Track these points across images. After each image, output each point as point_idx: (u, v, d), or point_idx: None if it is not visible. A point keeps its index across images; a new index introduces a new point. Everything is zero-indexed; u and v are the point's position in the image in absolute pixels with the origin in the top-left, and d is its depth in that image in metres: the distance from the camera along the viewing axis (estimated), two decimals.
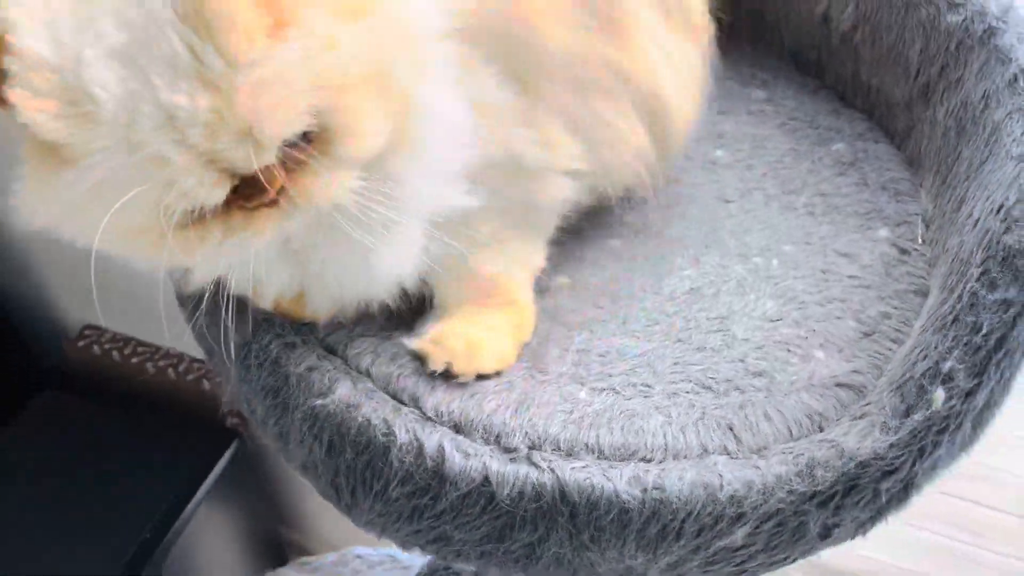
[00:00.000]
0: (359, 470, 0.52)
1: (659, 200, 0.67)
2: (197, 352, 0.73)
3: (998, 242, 0.51)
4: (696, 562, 0.51)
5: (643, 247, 0.65)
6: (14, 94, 0.37)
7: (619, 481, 0.49)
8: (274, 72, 0.38)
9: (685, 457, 0.52)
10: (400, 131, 0.44)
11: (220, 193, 0.40)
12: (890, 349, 0.57)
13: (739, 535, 0.50)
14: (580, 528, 0.50)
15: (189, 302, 0.57)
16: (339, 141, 0.42)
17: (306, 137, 0.41)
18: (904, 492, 0.53)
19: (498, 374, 0.56)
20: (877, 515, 0.53)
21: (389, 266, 0.51)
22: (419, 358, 0.56)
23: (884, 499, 0.52)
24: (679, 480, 0.49)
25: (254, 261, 0.45)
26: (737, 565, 0.52)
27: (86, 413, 1.30)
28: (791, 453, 0.51)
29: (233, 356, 0.55)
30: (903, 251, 0.63)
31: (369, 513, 0.54)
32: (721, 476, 0.50)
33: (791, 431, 0.53)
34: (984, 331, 0.50)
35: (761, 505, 0.49)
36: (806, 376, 0.56)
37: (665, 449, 0.52)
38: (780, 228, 0.66)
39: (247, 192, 0.41)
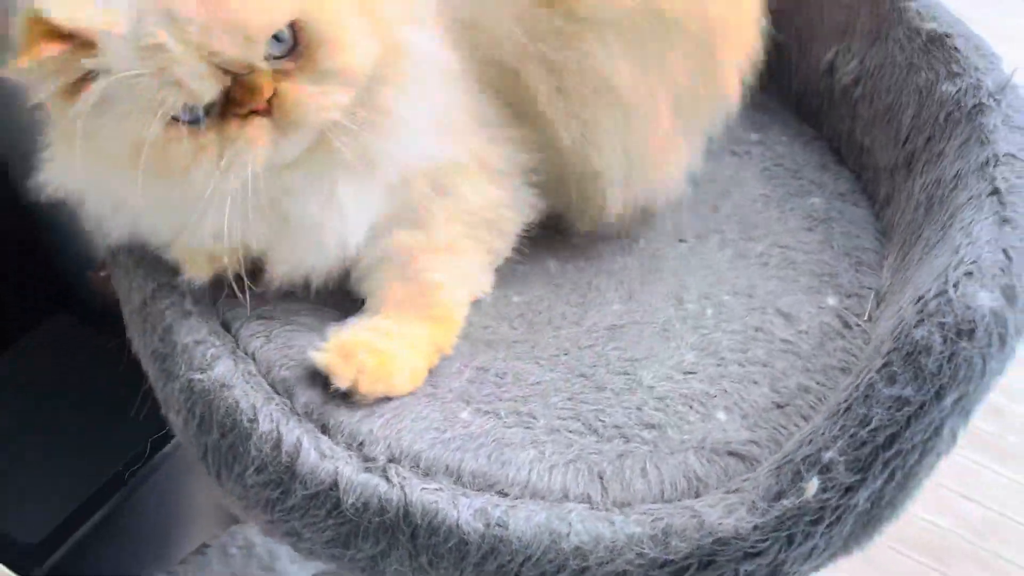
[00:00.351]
0: (223, 451, 0.52)
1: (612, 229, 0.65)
2: None
3: (907, 335, 0.47)
4: None
5: (578, 274, 0.64)
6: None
7: (465, 511, 0.48)
8: None
9: (543, 498, 0.50)
10: (388, 64, 0.49)
11: (214, 87, 0.44)
12: (797, 425, 0.54)
13: None
14: (419, 550, 0.49)
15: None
16: (323, 52, 0.46)
17: (295, 53, 0.46)
18: None
19: None
20: None
21: (353, 224, 0.53)
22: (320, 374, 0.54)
23: None
24: (525, 521, 0.48)
25: (231, 208, 0.47)
26: None
27: (96, 343, 1.34)
28: (651, 515, 0.49)
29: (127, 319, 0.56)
30: (845, 324, 0.60)
31: (230, 495, 0.54)
32: (571, 525, 0.48)
33: (663, 492, 0.51)
34: (872, 426, 0.46)
35: (607, 563, 0.47)
36: (700, 437, 0.54)
37: (525, 486, 0.50)
38: (726, 276, 0.64)
39: (241, 98, 0.45)
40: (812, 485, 0.47)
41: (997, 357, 0.48)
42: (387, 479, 0.49)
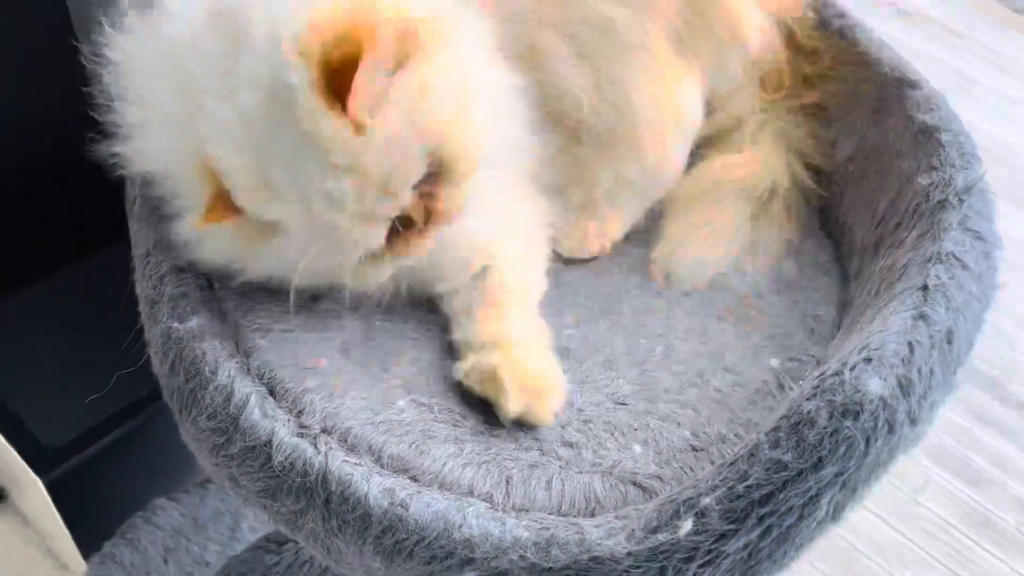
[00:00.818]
0: (185, 395, 0.59)
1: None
2: None
3: (799, 405, 0.51)
4: None
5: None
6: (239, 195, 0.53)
7: (375, 488, 0.53)
8: (385, 141, 0.51)
9: (448, 490, 0.55)
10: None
11: (380, 235, 0.54)
12: (704, 470, 0.58)
13: None
14: (331, 515, 0.54)
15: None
16: (453, 167, 0.54)
17: (429, 172, 0.54)
18: None
19: None
20: None
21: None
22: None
23: None
24: (426, 507, 0.53)
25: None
26: None
27: None
28: (540, 523, 0.53)
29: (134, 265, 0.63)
30: (780, 386, 0.63)
31: (186, 435, 0.60)
32: (465, 518, 0.52)
33: (560, 506, 0.56)
34: (749, 482, 0.50)
35: (492, 559, 0.52)
36: (610, 464, 0.58)
37: (436, 476, 0.55)
38: (684, 321, 0.67)
39: (403, 223, 0.55)
40: (686, 525, 0.51)
41: (885, 441, 0.51)
42: (315, 446, 0.55)
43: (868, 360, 0.51)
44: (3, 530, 1.47)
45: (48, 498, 1.11)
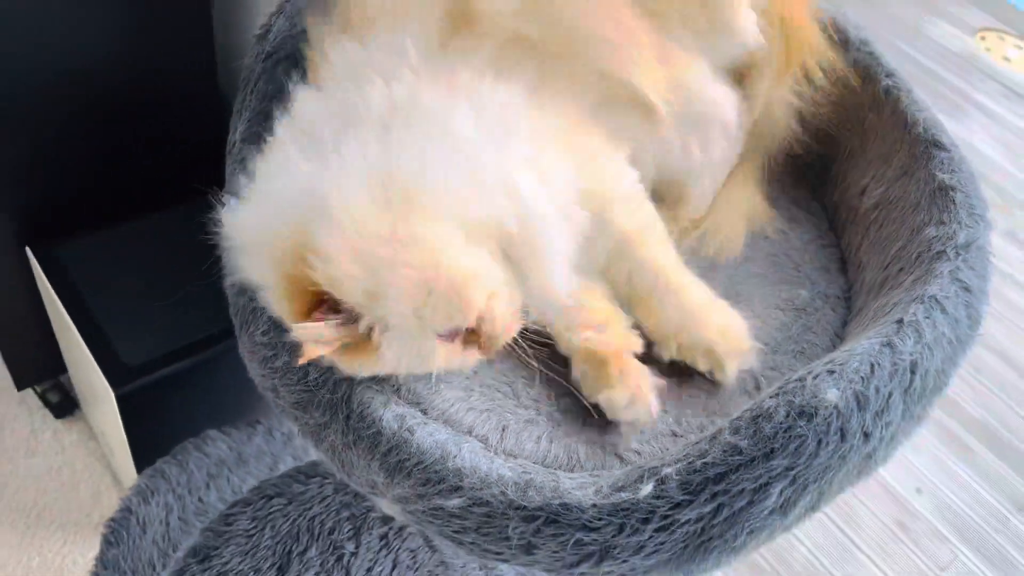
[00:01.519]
0: (247, 311, 0.68)
1: None
2: None
3: (762, 401, 0.57)
4: (420, 507, 0.63)
5: None
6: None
7: (388, 412, 0.62)
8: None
9: (451, 426, 0.63)
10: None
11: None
12: None
13: (453, 503, 0.61)
14: (349, 430, 0.63)
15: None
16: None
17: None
18: (601, 556, 0.61)
19: None
20: (577, 562, 0.62)
21: None
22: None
23: (583, 551, 0.60)
24: (429, 435, 0.61)
25: None
26: (453, 532, 0.63)
27: None
28: (523, 468, 0.61)
29: None
30: (757, 387, 0.69)
31: (243, 348, 0.70)
32: (460, 450, 0.61)
33: (545, 458, 0.63)
34: (707, 459, 0.57)
35: (477, 489, 0.60)
36: (596, 434, 0.65)
37: (442, 413, 0.64)
38: None
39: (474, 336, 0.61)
40: (646, 488, 0.58)
41: (836, 447, 0.57)
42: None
43: (831, 372, 0.57)
44: (71, 441, 1.62)
45: (117, 410, 1.23)
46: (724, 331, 0.69)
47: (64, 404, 1.61)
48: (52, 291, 1.30)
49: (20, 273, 1.39)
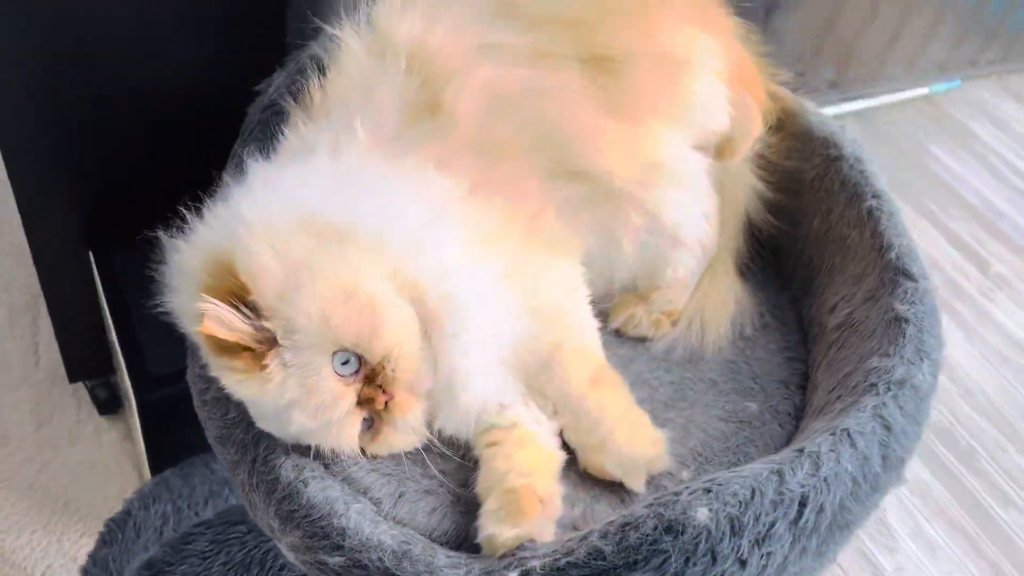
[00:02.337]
0: (191, 346, 0.72)
1: None
2: None
3: (635, 510, 0.57)
4: (308, 558, 0.63)
5: None
6: None
7: (289, 461, 0.64)
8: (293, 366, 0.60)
9: (350, 486, 0.65)
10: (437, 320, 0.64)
11: (357, 422, 0.63)
12: None
13: (335, 561, 0.61)
14: (254, 471, 0.66)
15: None
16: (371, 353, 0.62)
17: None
18: None
19: None
20: None
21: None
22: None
23: None
24: (320, 491, 0.63)
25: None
26: None
27: None
28: (405, 538, 0.62)
29: None
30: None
31: (189, 375, 0.74)
32: (348, 509, 0.62)
33: (432, 532, 0.64)
34: (572, 559, 0.56)
35: (357, 551, 0.61)
36: None
37: (343, 471, 0.66)
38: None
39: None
40: None
41: (706, 568, 0.56)
42: None
43: (707, 491, 0.56)
44: (110, 438, 1.70)
45: (137, 415, 1.30)
46: (630, 446, 0.68)
47: (109, 402, 1.70)
48: (103, 294, 1.39)
49: (83, 275, 1.48)
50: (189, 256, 0.64)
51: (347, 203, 0.63)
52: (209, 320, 0.58)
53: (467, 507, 0.66)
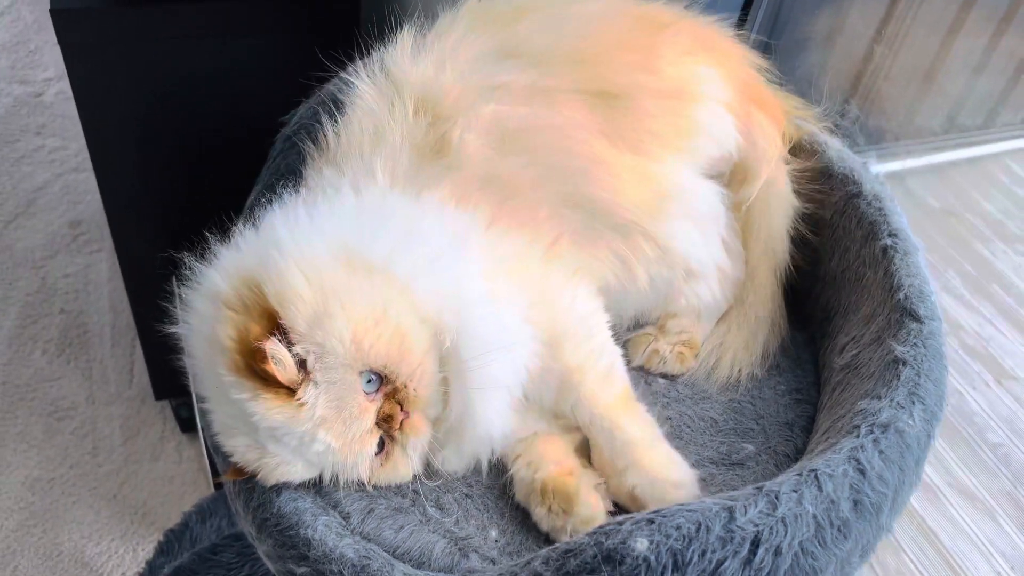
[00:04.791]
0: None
1: None
2: None
3: (581, 539, 0.56)
4: (278, 567, 0.65)
5: None
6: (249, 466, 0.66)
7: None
8: (327, 394, 0.62)
9: (322, 498, 0.67)
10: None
11: (373, 443, 0.65)
12: None
13: (301, 571, 0.63)
14: (238, 482, 0.68)
15: None
16: (397, 372, 0.64)
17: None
18: None
19: None
20: None
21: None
22: None
23: None
24: (291, 501, 0.65)
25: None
26: None
27: None
28: (367, 553, 0.63)
29: None
30: None
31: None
32: (315, 521, 0.64)
33: (397, 548, 0.65)
34: None
35: (320, 563, 0.62)
36: (463, 535, 0.66)
37: (315, 482, 0.67)
38: None
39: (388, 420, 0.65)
40: None
41: None
42: None
43: (651, 521, 0.55)
44: (189, 455, 1.78)
45: (201, 432, 1.36)
46: (663, 468, 0.68)
47: (191, 420, 1.79)
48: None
49: (168, 298, 1.57)
50: (215, 280, 0.66)
51: (375, 237, 0.66)
52: (273, 361, 0.59)
53: (435, 527, 0.67)
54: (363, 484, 0.66)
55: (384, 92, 0.74)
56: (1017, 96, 2.07)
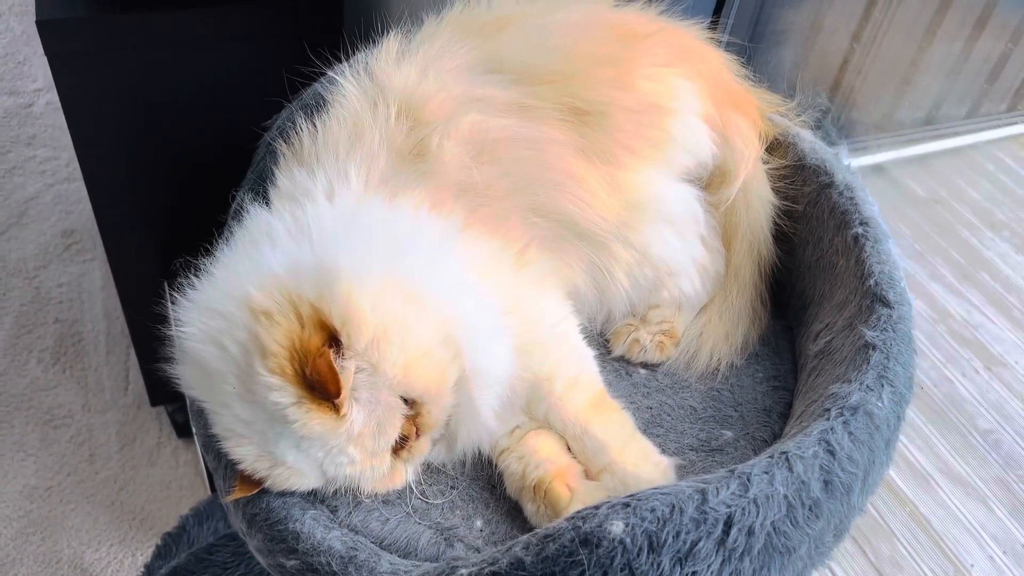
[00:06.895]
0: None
1: None
2: None
3: (559, 523, 0.58)
4: (268, 561, 0.67)
5: None
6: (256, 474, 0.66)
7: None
8: (366, 410, 0.64)
9: (310, 492, 0.68)
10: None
11: (386, 459, 0.66)
12: None
13: (291, 564, 0.65)
14: (230, 475, 0.70)
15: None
16: (424, 397, 0.66)
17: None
18: None
19: None
20: None
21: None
22: None
23: None
24: (280, 496, 0.66)
25: None
26: None
27: None
28: (354, 544, 0.64)
29: None
30: None
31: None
32: (303, 515, 0.65)
33: (383, 539, 0.66)
34: (496, 568, 0.57)
35: (309, 555, 0.64)
36: (448, 526, 0.68)
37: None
38: None
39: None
40: None
41: None
42: None
43: (625, 505, 0.56)
44: (186, 459, 1.80)
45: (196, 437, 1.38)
46: (636, 468, 0.70)
47: (186, 425, 1.80)
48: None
49: (161, 305, 1.59)
50: (238, 286, 0.66)
51: (410, 258, 0.67)
52: (341, 374, 0.61)
53: (421, 518, 0.68)
54: (359, 493, 0.67)
55: (368, 93, 0.75)
56: (1002, 83, 2.09)
